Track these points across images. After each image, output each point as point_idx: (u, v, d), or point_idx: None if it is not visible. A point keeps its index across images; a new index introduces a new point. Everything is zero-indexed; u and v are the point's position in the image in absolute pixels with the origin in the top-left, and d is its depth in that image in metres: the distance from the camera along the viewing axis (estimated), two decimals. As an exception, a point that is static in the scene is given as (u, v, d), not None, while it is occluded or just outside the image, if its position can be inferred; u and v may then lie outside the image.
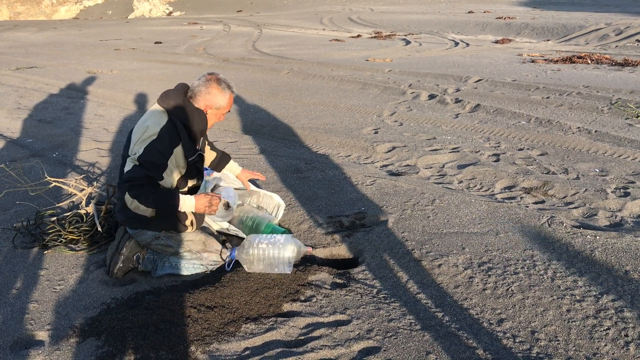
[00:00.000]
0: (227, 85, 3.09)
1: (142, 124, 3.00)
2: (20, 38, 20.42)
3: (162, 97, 3.03)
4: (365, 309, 2.86)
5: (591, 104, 7.19)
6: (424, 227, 3.78)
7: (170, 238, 3.18)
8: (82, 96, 8.79)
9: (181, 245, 3.20)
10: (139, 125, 3.02)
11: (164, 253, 3.22)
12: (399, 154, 5.48)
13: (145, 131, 2.92)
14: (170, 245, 3.18)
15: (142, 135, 2.92)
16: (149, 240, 3.17)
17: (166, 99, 2.99)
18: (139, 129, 2.99)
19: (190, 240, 3.22)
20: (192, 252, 3.21)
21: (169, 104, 2.97)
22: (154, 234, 3.16)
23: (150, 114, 3.01)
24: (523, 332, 2.64)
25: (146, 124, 2.97)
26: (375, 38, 17.37)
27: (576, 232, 3.63)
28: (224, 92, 3.06)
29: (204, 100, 3.04)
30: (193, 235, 3.24)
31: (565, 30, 16.91)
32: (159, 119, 2.95)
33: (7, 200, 4.29)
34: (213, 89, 3.03)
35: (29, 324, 2.76)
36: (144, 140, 2.90)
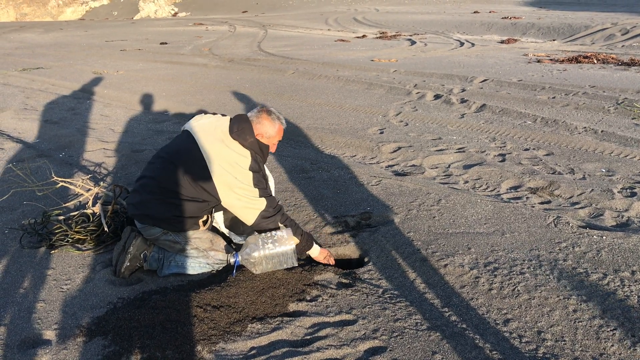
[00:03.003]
0: (277, 116, 3.31)
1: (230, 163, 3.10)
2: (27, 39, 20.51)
3: (237, 133, 3.16)
4: (371, 309, 2.86)
5: (597, 104, 7.17)
6: (430, 227, 3.78)
7: (178, 234, 3.21)
8: (88, 97, 8.82)
9: (188, 243, 3.22)
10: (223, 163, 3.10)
11: (171, 250, 3.23)
12: (405, 154, 5.47)
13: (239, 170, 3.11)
14: (177, 241, 3.21)
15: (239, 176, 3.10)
16: (157, 235, 3.20)
17: (242, 135, 3.16)
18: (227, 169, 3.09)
19: (197, 238, 3.24)
20: (199, 250, 3.22)
21: (246, 140, 3.17)
22: (162, 230, 3.18)
23: (231, 151, 3.13)
24: (529, 332, 2.64)
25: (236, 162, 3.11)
26: (381, 38, 17.36)
27: (582, 232, 3.62)
28: (274, 122, 3.27)
29: (256, 129, 3.23)
30: (200, 233, 3.26)
31: (571, 30, 16.86)
32: (243, 155, 3.14)
33: (15, 200, 4.32)
34: (264, 119, 3.24)
35: (37, 323, 2.77)
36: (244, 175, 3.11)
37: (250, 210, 3.14)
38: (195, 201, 3.14)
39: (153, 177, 3.23)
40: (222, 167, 3.08)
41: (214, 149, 3.11)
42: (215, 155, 3.10)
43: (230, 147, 3.12)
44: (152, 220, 3.20)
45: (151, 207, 3.18)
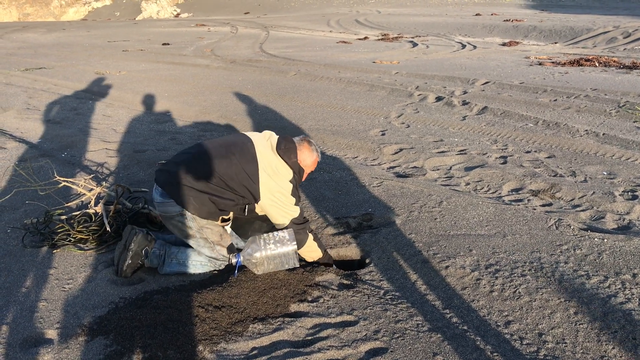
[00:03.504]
0: (315, 148, 3.44)
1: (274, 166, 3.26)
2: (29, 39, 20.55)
3: (284, 151, 3.30)
4: (372, 310, 2.87)
5: (599, 106, 7.17)
6: (431, 229, 3.79)
7: (193, 220, 3.17)
8: (91, 97, 8.84)
9: (200, 230, 3.20)
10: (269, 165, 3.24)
11: (180, 234, 3.21)
12: (406, 156, 5.48)
13: (280, 175, 3.25)
14: (190, 226, 3.18)
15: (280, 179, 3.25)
16: (173, 214, 3.16)
17: (288, 154, 3.30)
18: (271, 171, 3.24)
19: (209, 228, 3.23)
20: (207, 240, 3.22)
21: (290, 159, 3.30)
22: (180, 210, 3.15)
23: (279, 163, 3.28)
24: (530, 334, 2.64)
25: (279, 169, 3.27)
26: (383, 40, 17.38)
27: (584, 234, 3.63)
28: (312, 153, 3.41)
29: (296, 156, 3.34)
30: (213, 225, 3.26)
31: (573, 32, 16.87)
32: (287, 171, 3.29)
33: (17, 199, 4.33)
34: (305, 148, 3.37)
35: (39, 323, 2.78)
36: (285, 184, 3.25)
37: (285, 216, 3.26)
38: (231, 192, 3.20)
39: (199, 157, 3.25)
40: (267, 171, 3.21)
41: (265, 153, 3.27)
42: (265, 159, 3.24)
43: (279, 162, 3.29)
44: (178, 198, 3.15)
45: (181, 186, 3.15)
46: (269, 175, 3.20)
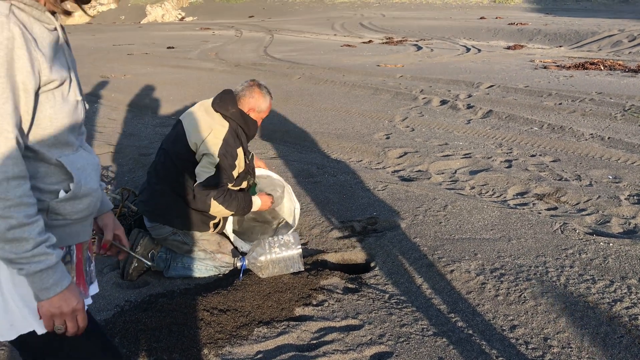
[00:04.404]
0: (267, 90, 3.32)
1: (205, 128, 3.12)
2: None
3: (219, 104, 3.19)
4: (377, 314, 2.86)
5: (604, 110, 7.16)
6: (436, 233, 3.78)
7: (187, 235, 3.22)
8: (96, 100, 8.87)
9: (196, 244, 3.23)
10: (199, 129, 3.13)
11: (178, 251, 3.24)
12: (411, 160, 5.48)
13: (211, 135, 3.09)
14: (185, 242, 3.22)
15: (209, 140, 3.09)
16: (165, 235, 3.21)
17: (224, 105, 3.17)
18: (201, 133, 3.11)
19: (205, 239, 3.25)
20: (206, 252, 3.24)
21: (228, 110, 3.17)
22: (171, 229, 3.20)
23: (211, 119, 3.16)
24: (536, 339, 2.64)
25: (211, 128, 3.11)
26: (387, 44, 17.39)
27: (589, 239, 3.62)
28: (265, 97, 3.28)
29: (247, 103, 3.23)
30: (208, 235, 3.28)
31: (578, 36, 16.85)
32: (221, 124, 3.14)
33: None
34: (256, 93, 3.24)
35: (44, 325, 2.78)
36: (214, 144, 3.08)
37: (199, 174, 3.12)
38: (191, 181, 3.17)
39: (155, 169, 3.29)
40: (196, 139, 3.11)
41: (193, 121, 3.16)
42: (194, 128, 3.14)
43: (211, 117, 3.15)
44: (162, 218, 3.22)
45: (158, 201, 3.21)
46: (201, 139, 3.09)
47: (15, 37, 1.23)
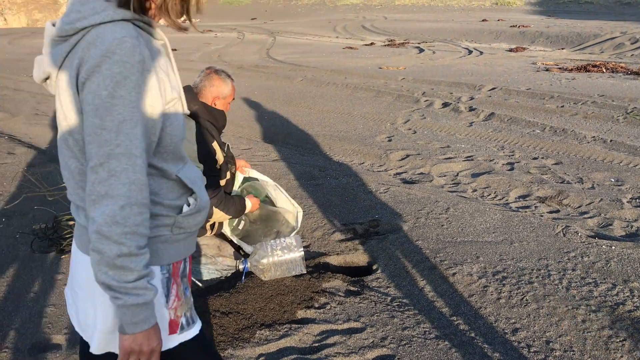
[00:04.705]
0: (226, 74, 3.24)
1: None
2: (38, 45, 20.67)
3: None
4: (379, 317, 2.87)
5: (606, 113, 7.15)
6: (438, 236, 3.78)
7: None
8: (98, 102, 8.88)
9: (196, 250, 3.24)
10: None
11: None
12: (413, 162, 5.48)
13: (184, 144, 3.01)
14: None
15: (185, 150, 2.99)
16: None
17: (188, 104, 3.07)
18: None
19: (205, 244, 3.25)
20: (207, 257, 3.24)
21: (190, 108, 3.06)
22: None
23: None
24: (538, 342, 2.64)
25: None
26: (389, 46, 17.40)
27: (591, 242, 3.62)
28: (226, 81, 3.21)
29: (210, 93, 3.17)
30: (208, 239, 3.28)
31: (580, 38, 16.84)
32: (188, 128, 3.03)
33: (25, 205, 4.35)
34: (215, 80, 3.17)
35: (47, 328, 2.79)
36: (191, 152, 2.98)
37: None
38: None
39: None
40: None
41: None
42: None
43: None
44: None
45: None
46: None
47: (145, 59, 1.23)
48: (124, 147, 1.20)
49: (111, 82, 1.18)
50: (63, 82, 1.27)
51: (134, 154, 1.22)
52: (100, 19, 1.21)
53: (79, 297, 1.43)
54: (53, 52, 1.28)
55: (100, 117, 1.19)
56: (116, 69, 1.18)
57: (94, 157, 1.21)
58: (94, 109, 1.19)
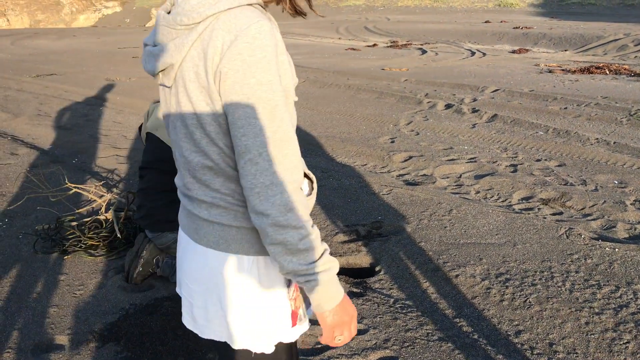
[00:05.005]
0: None
1: None
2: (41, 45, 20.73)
3: None
4: (382, 319, 2.86)
5: (610, 114, 7.14)
6: (441, 237, 3.78)
7: None
8: (101, 103, 8.90)
9: None
10: None
11: None
12: (416, 164, 5.48)
13: None
14: None
15: None
16: (169, 244, 3.21)
17: None
18: None
19: None
20: None
21: None
22: (174, 237, 3.20)
23: None
24: (541, 344, 2.63)
25: None
26: (392, 47, 17.40)
27: (595, 244, 3.61)
28: None
29: None
30: None
31: (583, 40, 16.83)
32: None
33: (28, 205, 4.36)
34: None
35: (50, 328, 2.79)
36: None
37: None
38: None
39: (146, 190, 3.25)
40: None
41: None
42: None
43: None
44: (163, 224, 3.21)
45: (161, 213, 3.20)
46: None
47: (278, 43, 1.19)
48: (280, 132, 1.17)
49: (257, 68, 1.14)
50: (190, 72, 1.21)
51: (291, 137, 1.19)
52: (228, 4, 1.17)
53: (195, 292, 1.39)
54: (176, 41, 1.20)
55: (251, 107, 1.15)
56: (259, 54, 1.14)
57: (251, 149, 1.16)
58: (244, 98, 1.15)
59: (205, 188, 1.30)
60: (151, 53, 1.28)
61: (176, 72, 1.24)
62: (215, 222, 1.30)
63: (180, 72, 1.23)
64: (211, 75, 1.17)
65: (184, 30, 1.19)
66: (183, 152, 1.30)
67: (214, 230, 1.31)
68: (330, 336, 1.31)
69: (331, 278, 1.25)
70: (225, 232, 1.30)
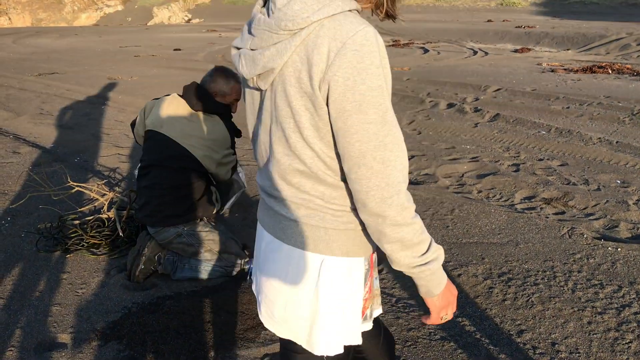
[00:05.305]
0: (231, 74, 3.33)
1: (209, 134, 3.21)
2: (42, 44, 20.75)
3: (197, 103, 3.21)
4: (384, 318, 2.86)
5: (612, 114, 7.13)
6: (443, 237, 3.78)
7: (191, 236, 3.21)
8: (103, 102, 8.90)
9: (202, 245, 3.23)
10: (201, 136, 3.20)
11: (184, 254, 3.24)
12: (418, 163, 5.47)
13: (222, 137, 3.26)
14: (191, 244, 3.21)
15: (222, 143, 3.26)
16: (170, 239, 3.20)
17: (203, 102, 3.21)
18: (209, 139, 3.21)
19: (211, 239, 3.25)
20: (213, 252, 3.23)
21: (209, 105, 3.23)
22: (176, 232, 3.19)
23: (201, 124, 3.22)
24: (543, 344, 2.63)
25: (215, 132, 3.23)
26: (394, 46, 17.39)
27: (597, 243, 3.60)
28: (228, 80, 3.30)
29: (210, 88, 3.27)
30: (214, 235, 3.27)
31: (586, 39, 16.80)
32: (215, 122, 3.24)
33: (30, 204, 4.36)
34: (217, 78, 3.29)
35: (52, 327, 2.80)
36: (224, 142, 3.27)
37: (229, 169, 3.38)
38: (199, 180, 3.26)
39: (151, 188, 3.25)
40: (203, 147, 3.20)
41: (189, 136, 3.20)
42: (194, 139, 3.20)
43: (206, 123, 3.21)
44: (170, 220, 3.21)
45: (164, 210, 3.20)
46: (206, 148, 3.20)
47: (381, 47, 1.20)
48: (391, 136, 1.20)
49: (367, 74, 1.15)
50: (291, 77, 1.22)
51: (400, 138, 1.23)
52: (332, 10, 1.17)
53: (277, 290, 1.43)
54: (278, 46, 1.21)
55: (364, 112, 1.17)
56: (368, 61, 1.15)
57: (365, 154, 1.19)
58: (356, 105, 1.16)
59: (295, 190, 1.34)
60: (249, 56, 1.28)
61: (275, 76, 1.25)
62: (304, 223, 1.34)
63: (280, 76, 1.24)
64: (316, 82, 1.18)
65: (287, 35, 1.20)
66: (275, 154, 1.33)
67: (302, 231, 1.35)
68: (437, 318, 1.40)
69: (440, 265, 1.32)
70: (312, 233, 1.34)
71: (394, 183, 1.21)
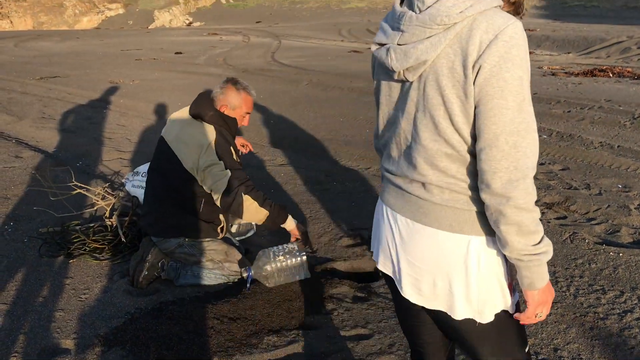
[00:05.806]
0: (243, 87, 3.28)
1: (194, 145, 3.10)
2: (44, 47, 20.78)
3: (196, 111, 3.17)
4: (387, 323, 2.87)
5: (613, 118, 7.14)
6: (445, 242, 3.77)
7: (193, 247, 3.23)
8: (105, 106, 8.92)
9: (203, 255, 3.24)
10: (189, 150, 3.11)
11: (186, 262, 3.25)
12: (419, 167, 5.47)
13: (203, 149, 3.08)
14: (192, 254, 3.23)
15: (206, 154, 3.07)
16: (172, 248, 3.22)
17: (202, 111, 3.15)
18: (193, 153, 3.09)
19: (213, 249, 3.26)
20: (214, 262, 3.24)
21: (207, 114, 3.15)
22: (177, 242, 3.21)
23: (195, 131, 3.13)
24: (546, 349, 2.63)
25: (200, 143, 3.09)
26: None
27: (599, 248, 3.61)
28: (239, 93, 3.24)
29: (220, 101, 3.21)
30: (216, 244, 3.28)
31: (587, 42, 16.82)
32: (208, 132, 3.12)
33: (33, 210, 4.37)
34: (228, 90, 3.23)
35: (56, 332, 2.80)
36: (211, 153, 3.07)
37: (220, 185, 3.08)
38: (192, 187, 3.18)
39: (154, 193, 3.29)
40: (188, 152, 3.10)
41: (175, 132, 3.17)
42: (176, 139, 3.15)
43: (193, 128, 3.14)
44: (172, 232, 3.23)
45: (167, 220, 3.22)
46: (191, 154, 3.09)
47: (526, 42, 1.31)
48: (525, 123, 1.28)
49: (512, 64, 1.26)
50: (443, 68, 1.32)
51: (533, 128, 1.30)
52: (484, 6, 1.29)
53: (423, 270, 1.50)
54: (432, 39, 1.31)
55: (504, 98, 1.26)
56: (515, 52, 1.26)
57: (499, 136, 1.28)
58: (498, 91, 1.26)
59: (441, 174, 1.41)
60: (400, 50, 1.37)
61: (426, 67, 1.35)
62: (449, 206, 1.42)
63: (432, 67, 1.34)
64: (469, 70, 1.28)
65: (441, 29, 1.30)
66: (421, 140, 1.41)
67: (448, 213, 1.43)
68: (533, 313, 1.44)
69: (547, 260, 1.37)
70: (458, 216, 1.42)
71: (522, 167, 1.29)
